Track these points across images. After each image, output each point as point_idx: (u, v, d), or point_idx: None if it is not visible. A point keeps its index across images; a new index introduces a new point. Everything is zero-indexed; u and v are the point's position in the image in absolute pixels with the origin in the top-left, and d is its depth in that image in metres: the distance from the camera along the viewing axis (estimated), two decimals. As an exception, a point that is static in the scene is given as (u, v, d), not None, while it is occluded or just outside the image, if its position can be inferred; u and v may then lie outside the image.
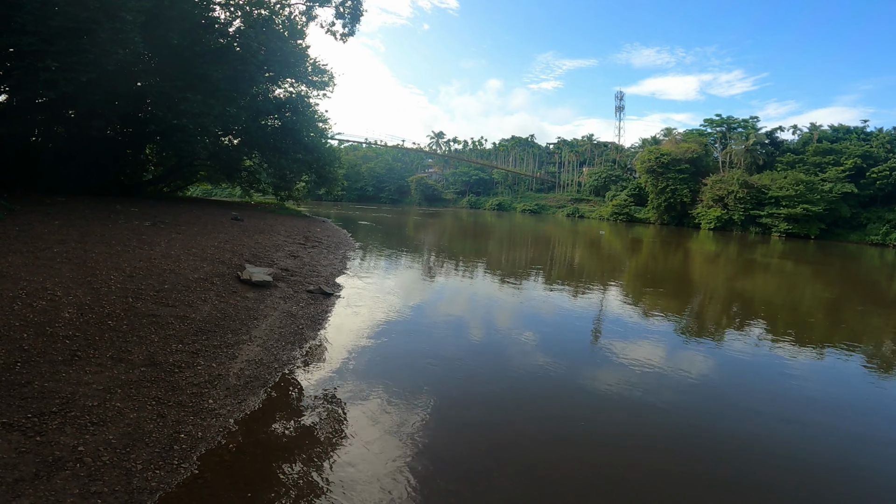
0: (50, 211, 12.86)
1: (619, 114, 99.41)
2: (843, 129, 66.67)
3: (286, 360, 6.57)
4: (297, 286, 10.30)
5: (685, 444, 5.36)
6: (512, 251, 26.10)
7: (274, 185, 32.26)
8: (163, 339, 5.84)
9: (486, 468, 4.50)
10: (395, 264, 17.73)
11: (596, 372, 7.44)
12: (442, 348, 7.91)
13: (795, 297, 16.45)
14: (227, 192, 49.89)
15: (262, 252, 12.79)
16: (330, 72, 28.79)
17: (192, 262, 9.33)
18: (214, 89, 20.06)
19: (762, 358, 8.71)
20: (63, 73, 14.09)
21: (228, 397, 5.14)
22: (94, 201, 16.67)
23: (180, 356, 5.58)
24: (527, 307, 11.87)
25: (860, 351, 9.74)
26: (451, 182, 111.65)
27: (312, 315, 8.72)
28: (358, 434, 4.88)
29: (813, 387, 7.43)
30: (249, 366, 5.99)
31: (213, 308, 7.25)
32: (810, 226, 54.22)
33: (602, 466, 4.78)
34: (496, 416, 5.62)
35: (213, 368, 5.58)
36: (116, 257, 8.29)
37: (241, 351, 6.28)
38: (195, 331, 6.36)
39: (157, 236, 11.16)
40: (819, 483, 4.84)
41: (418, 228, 38.33)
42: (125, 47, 15.25)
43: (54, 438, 3.85)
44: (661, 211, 66.39)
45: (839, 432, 6.00)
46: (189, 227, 13.94)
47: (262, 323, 7.49)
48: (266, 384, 5.74)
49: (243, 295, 8.40)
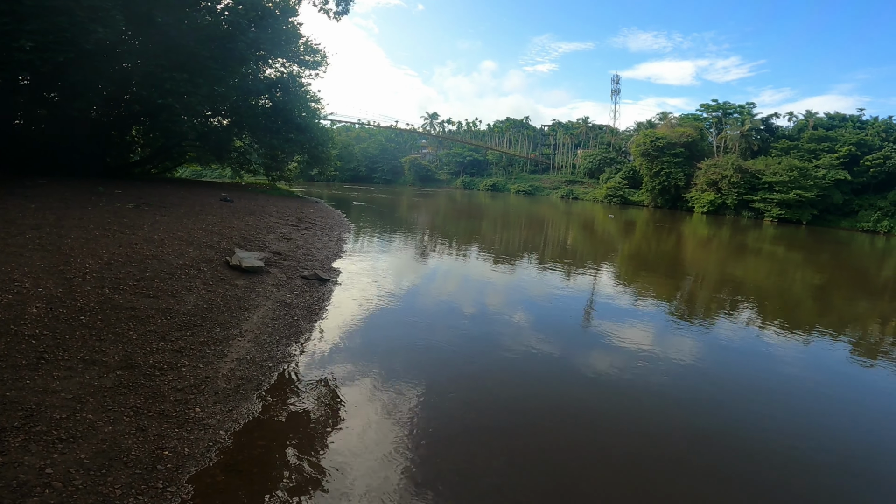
0: (28, 194, 12.20)
1: (615, 97, 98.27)
2: (838, 116, 66.29)
3: (281, 357, 6.02)
4: (291, 272, 9.79)
5: (678, 425, 5.60)
6: (510, 233, 25.64)
7: (265, 166, 31.84)
8: (142, 335, 5.30)
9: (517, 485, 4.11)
10: (393, 246, 17.28)
11: (598, 354, 7.62)
12: (452, 339, 7.49)
13: (798, 283, 16.23)
14: (218, 174, 48.81)
15: (252, 235, 12.24)
16: (323, 51, 28.30)
17: (177, 246, 8.76)
18: (202, 68, 19.50)
19: (771, 346, 8.47)
20: (39, 54, 13.61)
21: (218, 404, 4.62)
22: (77, 183, 15.95)
23: (162, 356, 5.05)
24: (534, 291, 11.56)
25: (849, 336, 10.03)
26: (445, 163, 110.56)
27: (308, 304, 8.21)
28: (366, 447, 4.40)
29: (797, 371, 7.65)
30: (241, 365, 5.46)
31: (199, 298, 6.72)
32: (802, 211, 54.20)
33: (598, 447, 4.96)
34: (522, 422, 5.24)
35: (200, 370, 5.05)
36: (94, 243, 7.71)
37: (231, 348, 5.75)
38: (179, 325, 5.82)
39: (140, 219, 10.54)
40: (811, 468, 4.99)
41: (413, 209, 37.75)
42: (105, 26, 14.75)
43: (17, 459, 3.37)
44: (654, 194, 66.12)
45: (826, 417, 6.21)
46: (175, 208, 13.31)
47: (254, 314, 6.96)
48: (260, 387, 5.20)
49: (232, 283, 7.86)
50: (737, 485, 4.46)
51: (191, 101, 19.63)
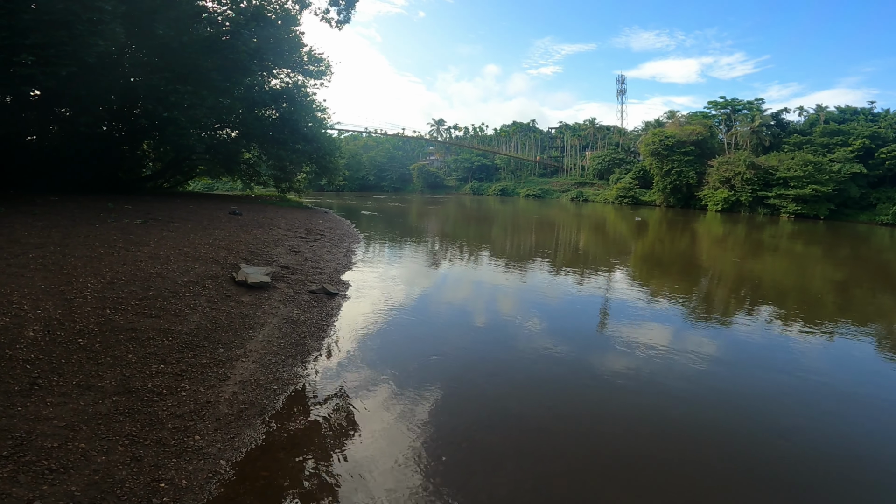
0: (36, 212, 12.18)
1: (621, 97, 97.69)
2: (849, 110, 65.32)
3: (287, 379, 5.72)
4: (299, 286, 9.56)
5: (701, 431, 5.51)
6: (524, 238, 25.31)
7: (274, 177, 31.89)
8: (141, 358, 5.08)
9: None
10: (403, 256, 17.01)
11: (619, 357, 7.55)
12: (467, 357, 7.08)
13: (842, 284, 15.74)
14: (229, 186, 49.08)
15: (260, 248, 12.09)
16: (326, 60, 28.38)
17: (182, 262, 8.61)
18: (205, 80, 19.60)
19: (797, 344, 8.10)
20: (41, 68, 13.58)
21: (219, 431, 4.36)
22: (88, 200, 15.98)
23: (161, 380, 4.82)
24: (553, 299, 11.26)
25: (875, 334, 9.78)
26: (454, 169, 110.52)
27: (316, 320, 7.94)
28: (378, 482, 4.04)
29: (821, 372, 7.51)
30: (244, 389, 5.20)
31: (202, 317, 6.51)
32: (819, 206, 53.25)
33: (611, 453, 4.90)
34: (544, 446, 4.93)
35: (201, 394, 4.81)
36: (98, 261, 7.57)
37: (234, 370, 5.50)
38: (181, 346, 5.60)
39: (146, 235, 10.43)
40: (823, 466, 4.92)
41: (423, 217, 37.55)
42: (105, 39, 14.76)
43: (5, 490, 3.18)
44: (666, 193, 65.42)
45: (848, 417, 6.08)
46: (183, 223, 13.23)
47: (259, 333, 6.71)
48: (264, 412, 4.91)
49: (238, 299, 7.65)
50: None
51: (196, 113, 19.68)
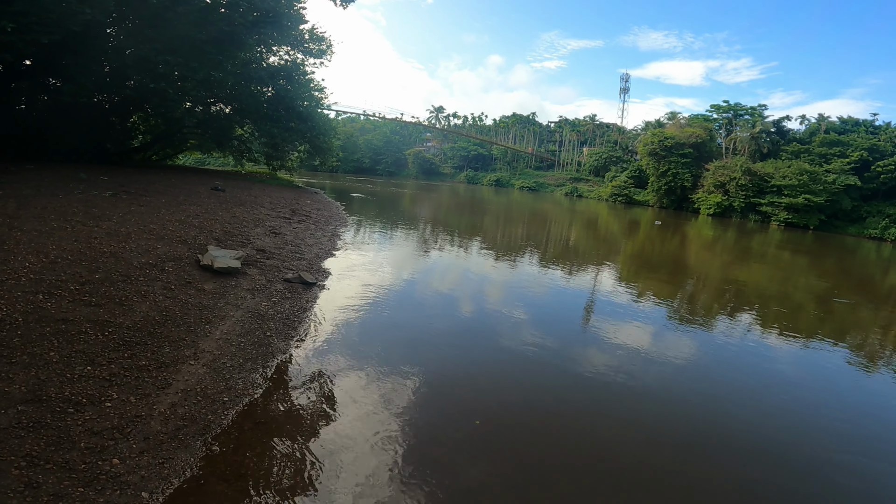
0: (2, 180, 11.42)
1: (624, 95, 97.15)
2: (851, 121, 65.18)
3: (241, 388, 4.91)
4: (273, 273, 8.89)
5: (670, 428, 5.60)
6: (518, 231, 24.77)
7: (266, 155, 31.35)
8: (65, 357, 4.35)
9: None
10: (391, 243, 16.33)
11: (602, 354, 7.60)
12: (452, 365, 6.40)
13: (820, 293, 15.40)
14: (221, 162, 48.02)
15: (237, 228, 11.43)
16: (328, 40, 27.60)
17: (143, 241, 7.93)
18: (198, 52, 18.89)
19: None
20: (21, 35, 12.87)
21: (145, 454, 3.65)
22: (67, 170, 15.16)
23: (83, 385, 4.09)
24: (545, 297, 10.84)
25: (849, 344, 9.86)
26: (450, 156, 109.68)
27: (287, 314, 7.21)
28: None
29: (796, 375, 7.65)
30: (186, 400, 4.40)
31: (152, 307, 5.80)
32: (810, 216, 53.19)
33: (589, 451, 4.92)
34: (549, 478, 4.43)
35: (130, 405, 4.07)
36: (46, 237, 6.87)
37: (179, 374, 4.76)
38: (117, 343, 4.85)
39: (111, 209, 9.70)
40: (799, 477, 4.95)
41: (415, 202, 36.87)
42: (93, 6, 14.15)
43: None
44: (660, 194, 65.20)
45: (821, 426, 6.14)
46: (157, 197, 12.49)
47: (217, 328, 5.96)
48: (207, 431, 4.11)
49: (199, 286, 6.96)
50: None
51: (185, 85, 18.95)
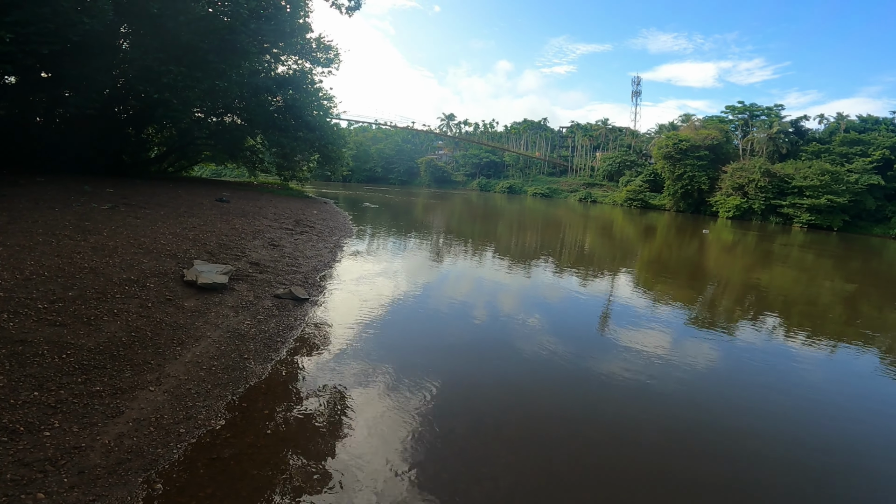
0: (5, 193, 11.49)
1: (636, 98, 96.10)
2: (871, 119, 63.61)
3: (203, 418, 4.40)
4: (263, 288, 8.46)
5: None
6: (535, 240, 24.40)
7: (277, 165, 31.39)
8: (13, 381, 4.07)
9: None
10: (397, 255, 15.36)
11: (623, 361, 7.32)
12: (451, 405, 5.41)
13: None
14: (236, 173, 48.61)
15: (233, 241, 11.26)
16: (336, 48, 27.88)
17: (129, 256, 7.73)
18: (201, 62, 18.96)
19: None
20: (20, 46, 12.98)
21: (76, 489, 3.31)
22: (73, 181, 15.27)
23: (24, 412, 3.78)
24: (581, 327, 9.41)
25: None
26: (462, 164, 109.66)
27: (270, 334, 6.63)
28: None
29: (820, 381, 7.40)
30: (136, 430, 4.00)
31: (122, 327, 5.48)
32: (833, 217, 51.87)
33: (609, 461, 4.71)
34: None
35: (71, 435, 3.74)
36: (28, 251, 6.72)
37: (135, 402, 4.37)
38: (74, 367, 4.53)
39: (105, 222, 9.59)
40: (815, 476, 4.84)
41: (427, 211, 36.60)
42: (93, 17, 14.27)
43: None
44: (677, 198, 64.16)
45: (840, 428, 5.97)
46: (156, 210, 12.43)
47: (189, 350, 5.51)
48: (151, 466, 3.69)
49: (180, 304, 6.62)
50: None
51: (189, 95, 18.96)
